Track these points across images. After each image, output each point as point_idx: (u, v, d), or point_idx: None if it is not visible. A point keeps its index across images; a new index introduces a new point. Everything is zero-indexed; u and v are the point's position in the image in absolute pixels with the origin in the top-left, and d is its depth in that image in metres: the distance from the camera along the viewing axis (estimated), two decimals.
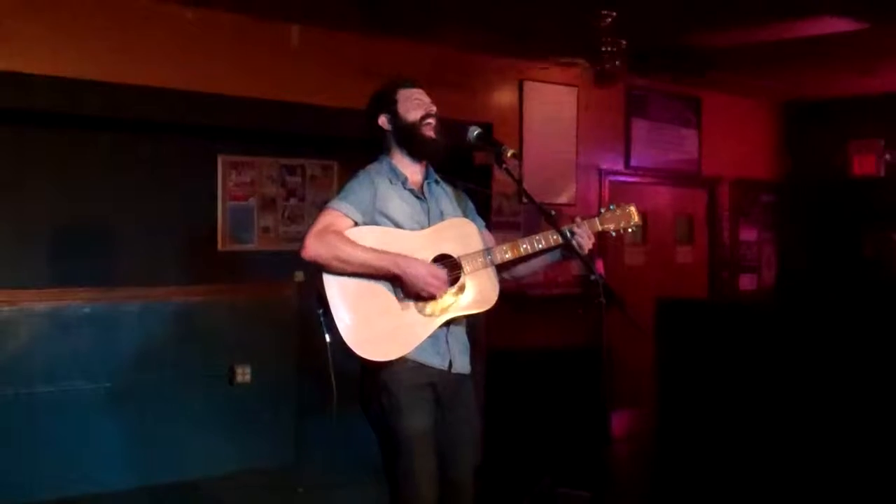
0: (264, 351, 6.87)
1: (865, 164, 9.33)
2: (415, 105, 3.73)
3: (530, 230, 7.41)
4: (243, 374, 6.79)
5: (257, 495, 6.45)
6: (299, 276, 6.86)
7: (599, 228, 3.82)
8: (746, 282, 9.61)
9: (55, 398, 6.08)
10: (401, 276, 3.49)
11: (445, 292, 3.56)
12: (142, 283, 6.46)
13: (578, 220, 3.76)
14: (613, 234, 3.89)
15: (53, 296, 6.15)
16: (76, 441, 6.11)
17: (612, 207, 3.88)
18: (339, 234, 3.48)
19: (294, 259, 3.57)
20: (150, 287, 6.49)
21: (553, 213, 3.80)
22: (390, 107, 3.75)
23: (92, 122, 5.93)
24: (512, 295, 3.83)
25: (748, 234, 9.65)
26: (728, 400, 6.23)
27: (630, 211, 3.89)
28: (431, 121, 3.73)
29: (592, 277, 3.53)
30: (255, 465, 6.73)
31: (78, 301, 6.23)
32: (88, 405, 6.18)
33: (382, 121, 3.76)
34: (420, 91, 3.80)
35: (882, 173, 9.19)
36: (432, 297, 3.54)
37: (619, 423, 7.77)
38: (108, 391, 6.27)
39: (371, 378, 3.56)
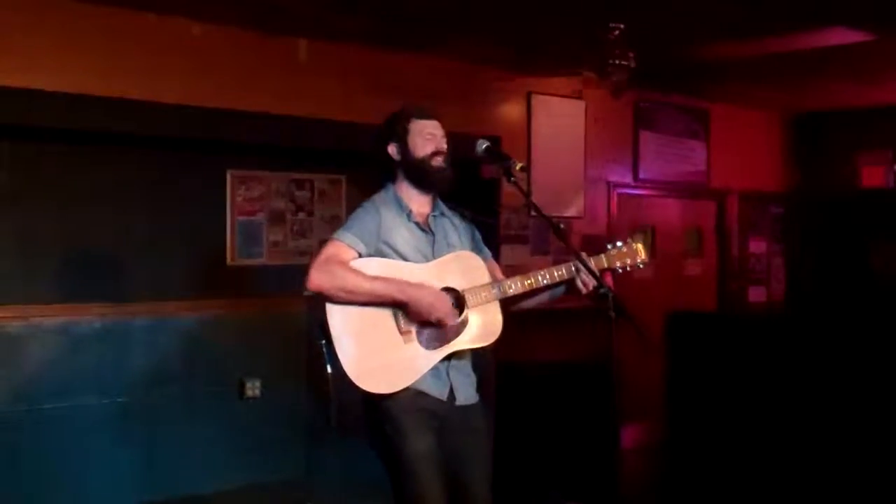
0: (274, 365, 6.87)
1: (874, 175, 9.33)
2: (426, 140, 3.72)
3: (538, 244, 7.48)
4: (253, 389, 6.79)
5: None
6: (309, 290, 6.85)
7: (605, 265, 3.80)
8: (755, 294, 9.59)
9: (66, 414, 6.09)
10: (407, 303, 3.50)
11: (452, 319, 3.56)
12: (151, 299, 6.47)
13: (584, 256, 3.74)
14: (620, 270, 3.87)
15: (63, 311, 6.16)
16: (87, 457, 6.11)
17: (619, 244, 3.86)
18: (344, 264, 3.49)
19: (304, 273, 3.58)
20: (160, 302, 6.50)
21: (562, 226, 3.81)
22: (401, 137, 3.73)
23: (100, 137, 5.94)
24: (520, 310, 3.82)
25: (757, 247, 9.63)
26: (738, 413, 6.22)
27: (637, 248, 3.87)
28: (441, 157, 3.72)
29: (602, 290, 3.54)
30: (265, 480, 6.72)
31: (88, 317, 6.24)
32: (99, 421, 6.19)
33: (392, 150, 3.75)
34: (434, 124, 3.77)
35: (891, 185, 9.18)
36: (440, 323, 3.54)
37: (629, 436, 7.75)
38: (119, 406, 6.27)
39: (373, 407, 3.56)
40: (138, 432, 6.31)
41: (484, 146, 3.80)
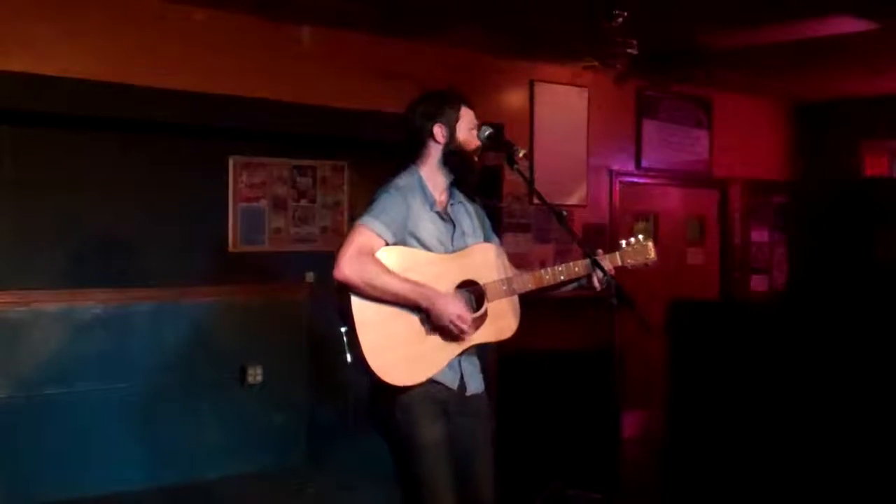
0: (276, 352, 6.89)
1: (877, 164, 9.31)
2: (471, 132, 3.70)
3: (541, 231, 7.47)
4: (255, 375, 6.80)
5: (268, 496, 6.47)
6: (310, 276, 6.87)
7: (619, 263, 3.78)
8: (757, 283, 9.58)
9: (68, 399, 6.10)
10: (429, 311, 3.47)
11: (471, 331, 3.55)
12: (153, 285, 6.48)
13: (601, 253, 3.73)
14: (630, 268, 3.86)
15: (65, 297, 6.17)
16: (89, 442, 6.13)
17: (632, 241, 3.85)
18: (374, 258, 3.43)
19: (305, 260, 3.57)
20: (162, 288, 6.51)
21: (564, 213, 3.79)
22: (451, 121, 3.68)
23: (103, 123, 5.94)
24: (521, 297, 3.81)
25: (759, 236, 9.62)
26: (740, 401, 6.21)
27: (648, 247, 3.87)
28: (478, 152, 3.73)
29: (604, 278, 3.53)
30: (267, 466, 6.75)
31: (90, 302, 6.25)
32: (100, 406, 6.20)
33: (438, 131, 3.68)
34: (474, 115, 3.76)
35: (894, 174, 9.17)
36: (455, 338, 3.54)
37: (631, 424, 7.75)
38: (120, 393, 6.28)
39: (383, 393, 3.52)
40: (139, 418, 6.33)
41: (487, 133, 3.76)
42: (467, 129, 3.69)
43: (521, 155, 3.71)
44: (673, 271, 8.68)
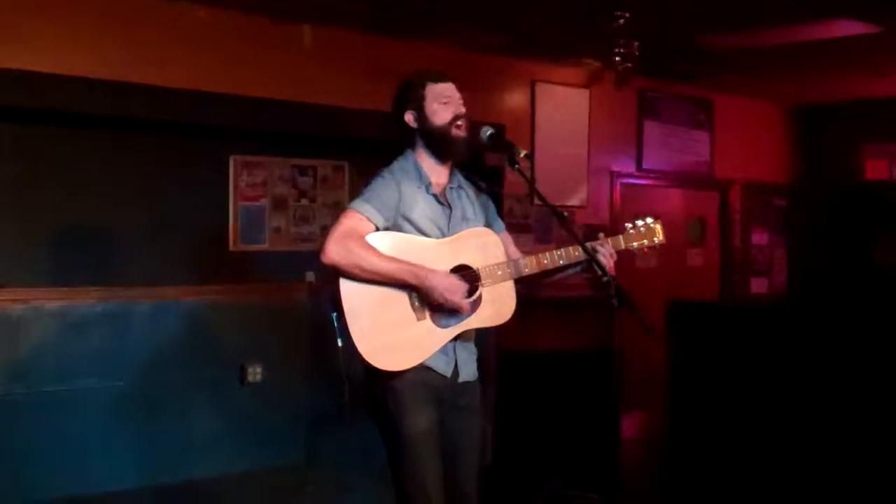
0: (275, 351, 6.88)
1: (878, 168, 9.32)
2: (443, 105, 3.64)
3: (542, 232, 7.47)
4: (254, 374, 6.79)
5: (267, 495, 6.46)
6: (310, 276, 6.86)
7: (623, 247, 3.74)
8: (757, 285, 9.58)
9: (66, 397, 6.09)
10: (419, 288, 3.46)
11: (466, 307, 3.53)
12: (153, 283, 6.46)
13: (602, 237, 3.71)
14: (636, 251, 3.82)
15: (64, 295, 6.16)
16: (87, 440, 6.12)
17: (638, 223, 3.79)
18: (361, 240, 3.43)
19: (305, 259, 3.56)
20: (162, 286, 6.50)
21: (565, 214, 3.77)
22: (417, 103, 3.65)
23: (104, 121, 5.93)
24: (522, 296, 3.81)
25: (760, 238, 9.62)
26: (739, 403, 6.21)
27: (655, 228, 3.80)
28: (461, 122, 3.66)
29: (605, 279, 3.52)
30: (266, 465, 6.73)
31: (89, 300, 6.24)
32: (99, 404, 6.19)
33: (409, 118, 3.67)
34: (450, 86, 3.69)
35: (895, 177, 9.16)
36: (453, 309, 3.52)
37: (630, 425, 7.75)
38: (119, 390, 6.27)
39: (376, 380, 3.53)
40: (138, 417, 6.31)
41: (488, 133, 3.75)
42: (436, 104, 3.65)
43: (522, 155, 3.67)
44: (673, 273, 8.69)
